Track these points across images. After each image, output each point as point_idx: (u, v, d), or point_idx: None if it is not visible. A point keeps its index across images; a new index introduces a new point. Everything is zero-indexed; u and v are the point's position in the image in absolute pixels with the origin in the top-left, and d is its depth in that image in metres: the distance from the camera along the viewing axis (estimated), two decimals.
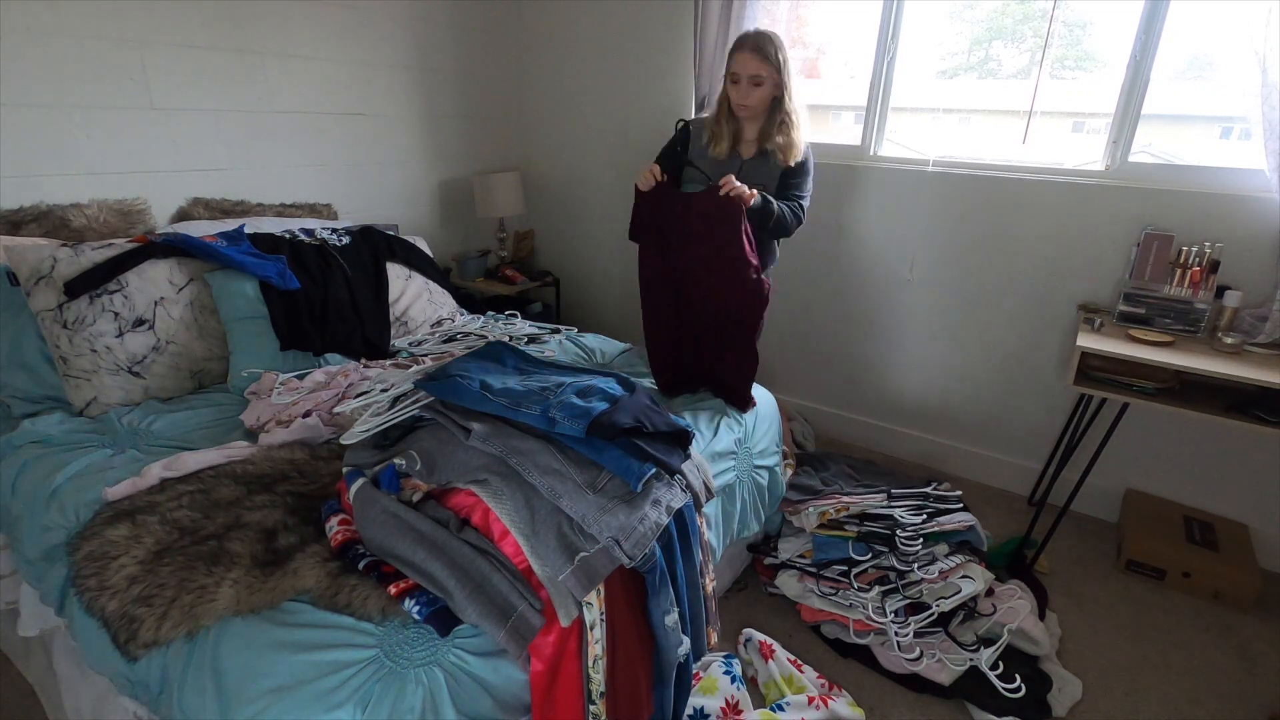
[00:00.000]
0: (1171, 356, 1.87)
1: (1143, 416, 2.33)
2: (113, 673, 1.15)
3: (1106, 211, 2.27)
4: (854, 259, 2.82)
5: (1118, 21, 2.22)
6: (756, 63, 1.90)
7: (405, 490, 1.26)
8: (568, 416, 1.29)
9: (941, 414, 2.82)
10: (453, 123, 3.26)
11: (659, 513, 1.28)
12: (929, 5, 2.56)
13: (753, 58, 1.90)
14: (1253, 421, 1.79)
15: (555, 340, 2.33)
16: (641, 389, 1.52)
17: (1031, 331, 2.52)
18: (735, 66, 1.94)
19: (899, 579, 1.85)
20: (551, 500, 1.22)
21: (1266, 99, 1.89)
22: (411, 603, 1.09)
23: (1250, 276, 2.08)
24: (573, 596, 1.13)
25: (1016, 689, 1.65)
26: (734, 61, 1.94)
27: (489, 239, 3.57)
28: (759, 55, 1.90)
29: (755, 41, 1.92)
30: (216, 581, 1.10)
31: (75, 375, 1.70)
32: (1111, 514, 2.54)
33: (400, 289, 2.40)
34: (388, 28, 2.85)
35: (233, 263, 1.93)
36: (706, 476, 1.54)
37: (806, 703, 1.61)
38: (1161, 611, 2.08)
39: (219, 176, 2.41)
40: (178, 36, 2.20)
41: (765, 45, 1.91)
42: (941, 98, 2.81)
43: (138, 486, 1.37)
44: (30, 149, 1.96)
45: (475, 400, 1.36)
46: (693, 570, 1.43)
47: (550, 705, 1.14)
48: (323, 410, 1.67)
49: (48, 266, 1.71)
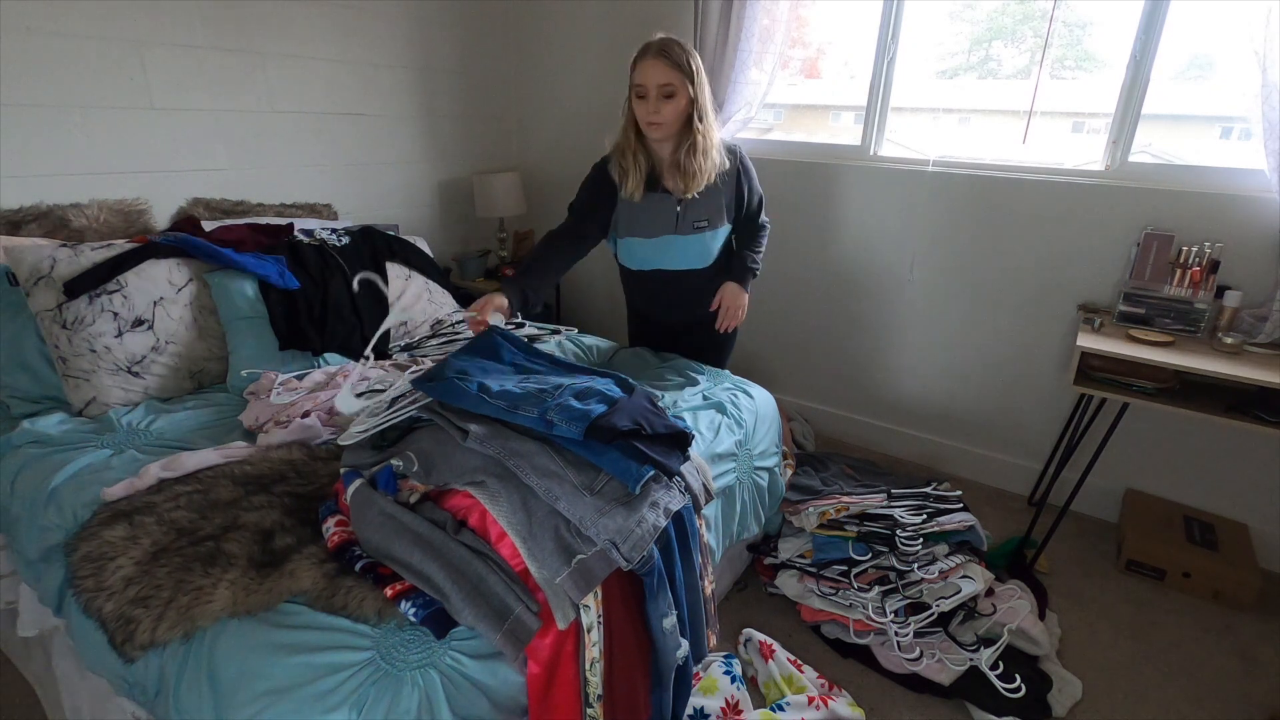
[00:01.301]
0: (1171, 356, 1.87)
1: (1143, 416, 2.32)
2: (110, 674, 1.15)
3: (1106, 211, 2.26)
4: (854, 259, 2.82)
5: (1118, 21, 2.22)
6: (665, 69, 1.66)
7: (402, 491, 1.26)
8: (565, 419, 1.29)
9: (941, 414, 2.81)
10: (453, 123, 3.25)
11: (657, 515, 1.28)
12: (929, 5, 2.56)
13: (660, 63, 1.66)
14: (1253, 421, 1.79)
15: (555, 341, 2.33)
16: (641, 390, 1.51)
17: (1031, 331, 2.51)
18: (640, 78, 1.69)
19: (899, 579, 1.85)
20: (549, 502, 1.22)
21: (1266, 99, 1.89)
22: (408, 605, 1.09)
23: (1250, 276, 2.07)
24: (569, 599, 1.13)
25: (1016, 689, 1.64)
26: (637, 73, 1.69)
27: (489, 239, 3.57)
28: (667, 60, 1.66)
29: (661, 45, 1.68)
30: (213, 583, 1.10)
31: (74, 375, 1.70)
32: (1111, 514, 2.53)
33: (400, 289, 2.40)
34: (388, 28, 2.85)
35: (232, 262, 1.93)
36: (706, 478, 1.54)
37: (806, 703, 1.60)
38: (1161, 611, 2.08)
39: (219, 176, 2.41)
40: (178, 36, 2.20)
41: (673, 49, 1.67)
42: (941, 98, 2.81)
43: (135, 487, 1.36)
44: (30, 149, 1.96)
45: (473, 403, 1.35)
46: (692, 573, 1.43)
47: (547, 708, 1.14)
48: (321, 410, 1.67)
49: (47, 266, 1.71)
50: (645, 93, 1.70)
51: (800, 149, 2.89)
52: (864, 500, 2.05)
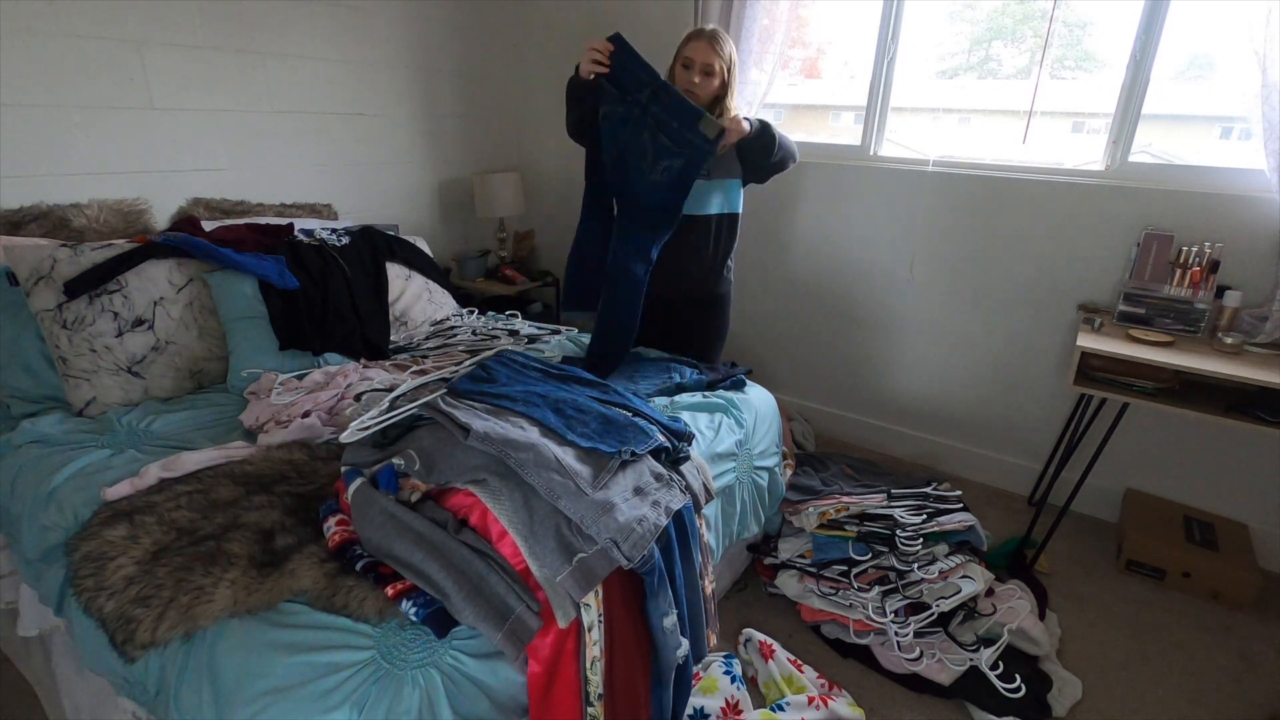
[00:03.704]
0: (1171, 356, 1.87)
1: (1143, 416, 2.32)
2: (110, 673, 1.15)
3: (1106, 211, 2.26)
4: (854, 259, 2.82)
5: (1118, 21, 2.22)
6: (710, 53, 1.94)
7: (404, 490, 1.26)
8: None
9: (941, 414, 2.81)
10: (453, 123, 3.26)
11: (658, 514, 1.28)
12: (929, 5, 2.56)
13: (709, 47, 1.94)
14: (1253, 421, 1.79)
15: (555, 340, 2.33)
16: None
17: (1031, 331, 2.51)
18: (689, 52, 1.96)
19: (899, 579, 1.85)
20: (550, 501, 1.22)
21: (1266, 99, 1.89)
22: (409, 604, 1.09)
23: (1250, 276, 2.08)
24: (570, 598, 1.13)
25: (1016, 689, 1.65)
26: (688, 49, 1.97)
27: (489, 239, 3.57)
28: (715, 46, 1.94)
29: (712, 33, 1.96)
30: (214, 582, 1.10)
31: (75, 375, 1.70)
32: (1111, 514, 2.53)
33: (400, 289, 2.40)
34: (388, 28, 2.85)
35: (232, 262, 1.93)
36: (706, 478, 1.54)
37: (806, 703, 1.60)
38: (1161, 611, 2.08)
39: (219, 176, 2.41)
40: (178, 36, 2.20)
41: (720, 39, 1.95)
42: (941, 98, 2.81)
43: (136, 487, 1.37)
44: (30, 149, 1.96)
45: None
46: (692, 572, 1.43)
47: (548, 707, 1.14)
48: (321, 410, 1.67)
49: (47, 266, 1.71)
50: (691, 64, 1.96)
51: (800, 149, 2.86)
52: (864, 500, 2.05)
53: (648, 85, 1.82)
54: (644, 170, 1.89)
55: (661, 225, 1.96)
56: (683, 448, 1.49)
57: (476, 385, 1.51)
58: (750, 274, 3.01)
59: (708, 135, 1.81)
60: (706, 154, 1.85)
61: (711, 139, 1.81)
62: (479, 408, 1.39)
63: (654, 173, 1.88)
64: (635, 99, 1.84)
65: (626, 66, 1.83)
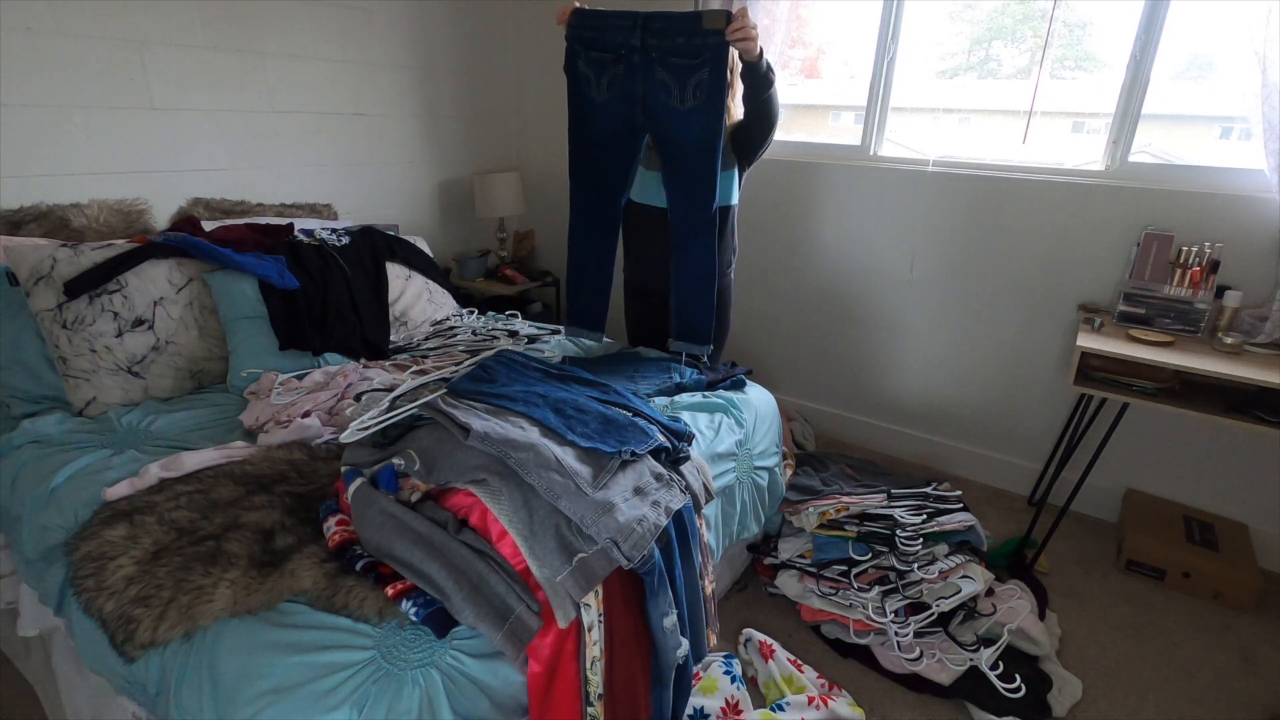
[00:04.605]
0: (1171, 356, 1.87)
1: (1143, 416, 2.32)
2: (110, 673, 1.15)
3: (1106, 211, 2.26)
4: (854, 259, 2.82)
5: (1118, 21, 2.22)
6: None
7: (404, 490, 1.26)
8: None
9: (941, 414, 2.81)
10: (452, 123, 3.26)
11: (658, 514, 1.28)
12: (929, 5, 2.56)
13: None
14: (1253, 421, 1.79)
15: (555, 340, 2.33)
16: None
17: (1031, 331, 2.51)
18: None
19: (899, 579, 1.85)
20: (550, 501, 1.22)
21: (1266, 99, 1.89)
22: (409, 604, 1.09)
23: (1250, 276, 2.08)
24: (570, 598, 1.13)
25: (1016, 689, 1.65)
26: None
27: (489, 239, 3.57)
28: None
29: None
30: (214, 582, 1.10)
31: (75, 375, 1.70)
32: (1111, 514, 2.53)
33: (400, 289, 2.40)
34: (388, 28, 2.85)
35: (232, 262, 1.93)
36: (706, 478, 1.54)
37: (806, 703, 1.60)
38: (1161, 611, 2.08)
39: (219, 176, 2.41)
40: (178, 36, 2.20)
41: None
42: (941, 98, 2.81)
43: (136, 487, 1.37)
44: (30, 149, 1.96)
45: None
46: (692, 572, 1.43)
47: (548, 707, 1.14)
48: (321, 410, 1.68)
49: (47, 266, 1.71)
50: None
51: (800, 149, 2.89)
52: (864, 500, 2.05)
53: (630, 28, 1.78)
54: (674, 106, 1.82)
55: (709, 167, 1.86)
56: (683, 448, 1.49)
57: (476, 385, 1.51)
58: (750, 274, 3.01)
59: (716, 27, 1.73)
60: (724, 50, 1.75)
61: (721, 28, 1.72)
62: (479, 408, 1.40)
63: (686, 101, 1.81)
64: (627, 47, 1.79)
65: (602, 28, 1.79)
